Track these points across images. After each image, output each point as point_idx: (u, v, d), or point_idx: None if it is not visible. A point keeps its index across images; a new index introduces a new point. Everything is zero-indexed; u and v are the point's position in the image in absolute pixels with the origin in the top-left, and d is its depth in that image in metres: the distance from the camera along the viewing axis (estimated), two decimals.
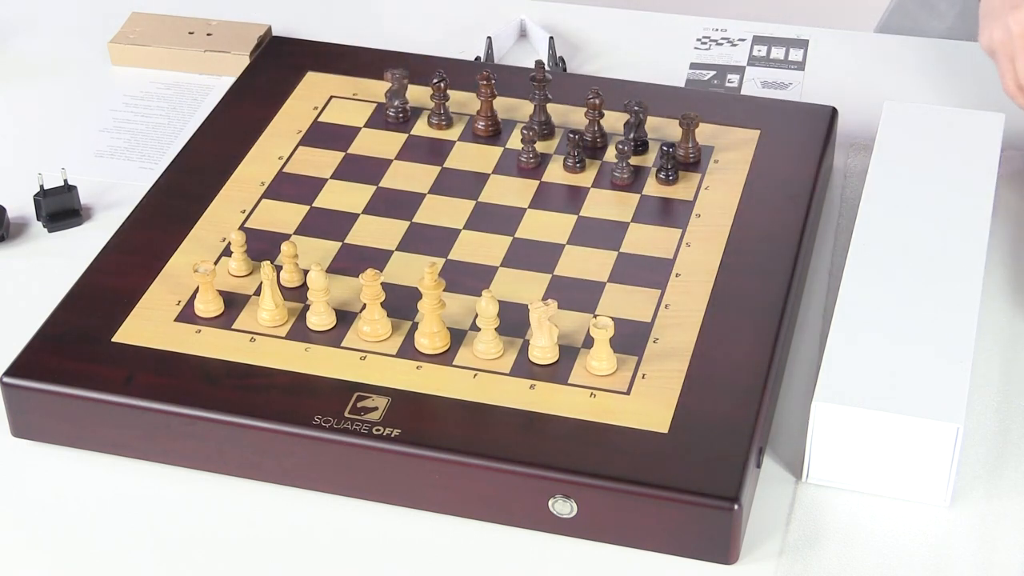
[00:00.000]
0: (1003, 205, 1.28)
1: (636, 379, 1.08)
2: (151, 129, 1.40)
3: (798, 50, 1.49)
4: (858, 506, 1.06)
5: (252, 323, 1.13)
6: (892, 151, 1.25)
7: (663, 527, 1.02)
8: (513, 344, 1.10)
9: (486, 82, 1.29)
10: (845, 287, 1.12)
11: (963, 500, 1.06)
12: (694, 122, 1.26)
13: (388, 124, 1.32)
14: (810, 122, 1.30)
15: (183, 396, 1.07)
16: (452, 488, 1.04)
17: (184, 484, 1.08)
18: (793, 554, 1.03)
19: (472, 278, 1.16)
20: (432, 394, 1.07)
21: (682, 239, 1.19)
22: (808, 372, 1.15)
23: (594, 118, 1.28)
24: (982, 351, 1.16)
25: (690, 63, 1.48)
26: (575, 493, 1.02)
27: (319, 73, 1.37)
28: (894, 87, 1.44)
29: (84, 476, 1.09)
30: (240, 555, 1.04)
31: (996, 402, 1.13)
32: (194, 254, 1.18)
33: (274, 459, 1.06)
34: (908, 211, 1.19)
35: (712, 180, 1.25)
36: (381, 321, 1.11)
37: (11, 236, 1.29)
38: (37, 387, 1.09)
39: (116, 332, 1.12)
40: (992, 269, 1.22)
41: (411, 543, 1.04)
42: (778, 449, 1.10)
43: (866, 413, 1.03)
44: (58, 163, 1.35)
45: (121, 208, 1.30)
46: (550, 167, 1.27)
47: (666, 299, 1.14)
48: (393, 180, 1.26)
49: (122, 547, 1.05)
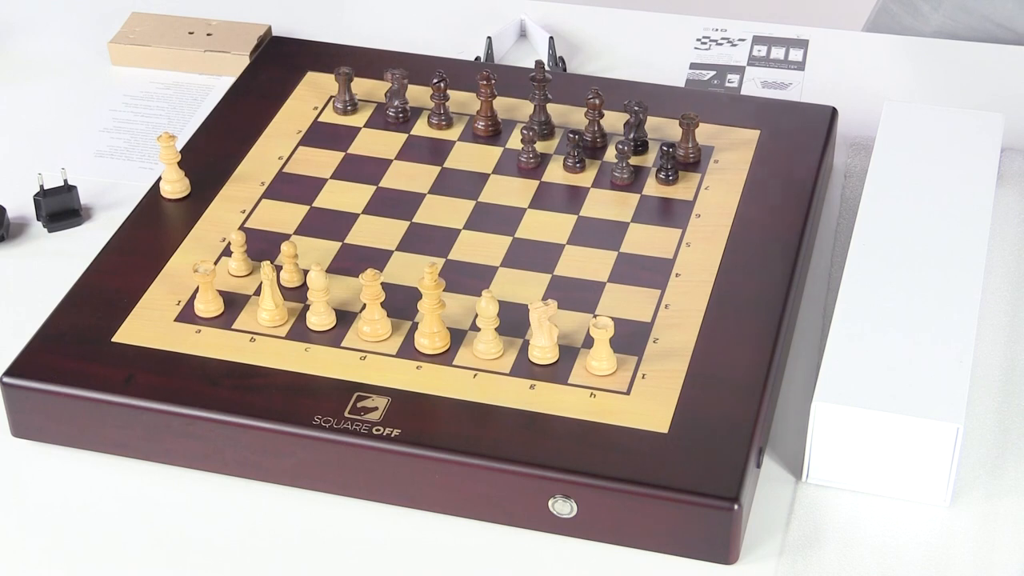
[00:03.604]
0: (1003, 205, 1.28)
1: (636, 379, 1.08)
2: (151, 129, 1.40)
3: (798, 50, 1.49)
4: (858, 506, 1.06)
5: (252, 323, 1.13)
6: (892, 151, 1.25)
7: (663, 527, 1.02)
8: (513, 344, 1.10)
9: (486, 82, 1.29)
10: (845, 287, 1.12)
11: (963, 500, 1.06)
12: (694, 122, 1.26)
13: (388, 124, 1.32)
14: (810, 122, 1.30)
15: (183, 396, 1.07)
16: (452, 488, 1.04)
17: (184, 484, 1.08)
18: (793, 554, 1.03)
19: (472, 278, 1.16)
20: (432, 394, 1.07)
21: (682, 239, 1.19)
22: (808, 372, 1.15)
23: (594, 118, 1.28)
24: (982, 351, 1.16)
25: (690, 63, 1.48)
26: (575, 493, 1.02)
27: (319, 73, 1.37)
28: (894, 87, 1.44)
29: (84, 476, 1.09)
30: (240, 555, 1.04)
31: (996, 402, 1.13)
32: (194, 254, 1.18)
33: (274, 459, 1.06)
34: (908, 211, 1.19)
35: (712, 180, 1.25)
36: (381, 321, 1.11)
37: (11, 236, 1.29)
38: (37, 387, 1.09)
39: (116, 332, 1.12)
40: (992, 269, 1.22)
41: (411, 543, 1.04)
42: (778, 449, 1.10)
43: (866, 413, 1.03)
44: (58, 163, 1.35)
45: (121, 208, 1.30)
46: (550, 167, 1.27)
47: (666, 299, 1.14)
48: (393, 180, 1.26)
49: (122, 547, 1.05)
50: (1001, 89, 1.43)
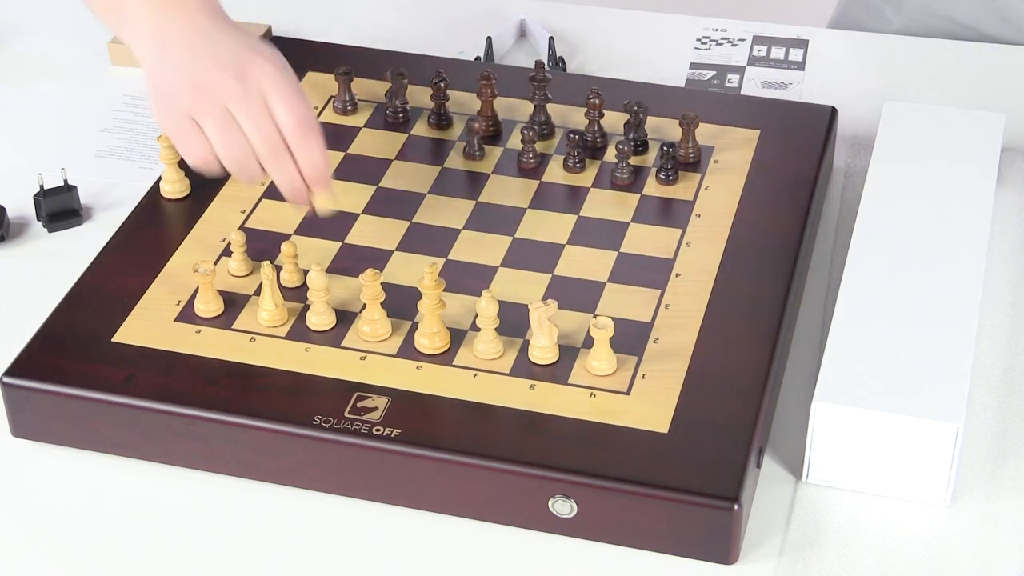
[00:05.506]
0: (1003, 205, 1.28)
1: (636, 379, 1.08)
2: (151, 129, 1.40)
3: (798, 50, 1.49)
4: (858, 506, 1.06)
5: (252, 323, 1.13)
6: (892, 151, 1.25)
7: (663, 527, 1.02)
8: (513, 344, 1.10)
9: (487, 82, 1.29)
10: (845, 287, 1.12)
11: (963, 500, 1.06)
12: (694, 122, 1.26)
13: (388, 124, 1.32)
14: (810, 122, 1.30)
15: (183, 396, 1.07)
16: (452, 488, 1.04)
17: (184, 484, 1.08)
18: (793, 554, 1.03)
19: (472, 278, 1.16)
20: (432, 394, 1.07)
21: (682, 239, 1.19)
22: (808, 372, 1.15)
23: (594, 118, 1.28)
24: (982, 351, 1.16)
25: (690, 63, 1.48)
26: (575, 493, 1.02)
27: (319, 73, 1.37)
28: (894, 87, 1.44)
29: (84, 476, 1.09)
30: (240, 555, 1.04)
31: (996, 402, 1.13)
32: (194, 254, 1.18)
33: (274, 459, 1.06)
34: (908, 211, 1.19)
35: (712, 180, 1.25)
36: (381, 321, 1.11)
37: (11, 236, 1.29)
38: (37, 387, 1.09)
39: (116, 332, 1.12)
40: (992, 269, 1.22)
41: (411, 543, 1.04)
42: (778, 449, 1.10)
43: (866, 413, 1.03)
44: (58, 163, 1.35)
45: (121, 208, 1.30)
46: (550, 167, 1.27)
47: (666, 299, 1.14)
48: (393, 180, 1.26)
49: (122, 547, 1.05)
50: (1001, 89, 1.43)
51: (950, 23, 1.52)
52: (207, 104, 1.12)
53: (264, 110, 1.12)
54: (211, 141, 1.13)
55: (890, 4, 1.56)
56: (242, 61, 1.13)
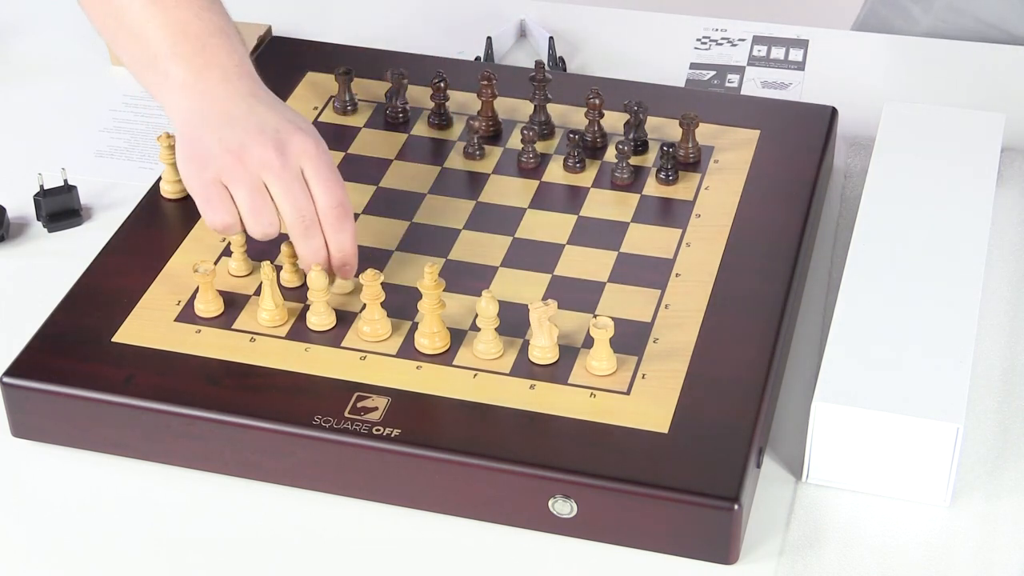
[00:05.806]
0: (1003, 205, 1.28)
1: (636, 379, 1.08)
2: (151, 129, 1.40)
3: (798, 50, 1.49)
4: (858, 506, 1.06)
5: (252, 323, 1.13)
6: (892, 151, 1.25)
7: (663, 527, 1.02)
8: (513, 344, 1.10)
9: (487, 82, 1.29)
10: (845, 287, 1.12)
11: (963, 500, 1.06)
12: (694, 122, 1.26)
13: (388, 124, 1.32)
14: (810, 122, 1.30)
15: (183, 396, 1.07)
16: (452, 488, 1.04)
17: (184, 484, 1.08)
18: (793, 554, 1.03)
19: (472, 278, 1.16)
20: (432, 394, 1.07)
21: (682, 239, 1.19)
22: (808, 372, 1.15)
23: (594, 118, 1.28)
24: (982, 351, 1.16)
25: (690, 63, 1.48)
26: (575, 493, 1.02)
27: (319, 73, 1.37)
28: (894, 87, 1.44)
29: (84, 476, 1.09)
30: (240, 555, 1.04)
31: (996, 402, 1.13)
32: (194, 254, 1.18)
33: (274, 459, 1.06)
34: (908, 211, 1.19)
35: (712, 180, 1.25)
36: (381, 321, 1.11)
37: (11, 236, 1.29)
38: (37, 387, 1.09)
39: (116, 332, 1.12)
40: (992, 269, 1.22)
41: (411, 543, 1.04)
42: (778, 449, 1.10)
43: (866, 413, 1.03)
44: (58, 163, 1.35)
45: (121, 208, 1.30)
46: (550, 167, 1.27)
47: (666, 299, 1.14)
48: (393, 180, 1.26)
49: (122, 547, 1.05)
50: (1001, 89, 1.43)
51: (977, 22, 1.52)
52: (242, 172, 1.11)
53: (302, 186, 1.11)
54: (240, 208, 1.11)
55: (918, 3, 1.56)
56: (282, 133, 1.11)
